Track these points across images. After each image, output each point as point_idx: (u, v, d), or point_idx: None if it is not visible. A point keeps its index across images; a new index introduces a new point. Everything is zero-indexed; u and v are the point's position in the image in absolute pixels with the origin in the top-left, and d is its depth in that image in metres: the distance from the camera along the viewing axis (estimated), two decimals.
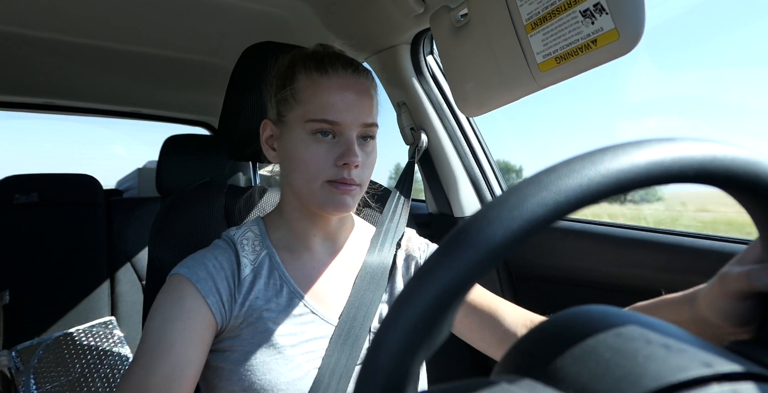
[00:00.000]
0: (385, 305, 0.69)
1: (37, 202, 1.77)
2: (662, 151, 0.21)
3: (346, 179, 0.61)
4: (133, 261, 1.83)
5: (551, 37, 0.54)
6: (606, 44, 0.49)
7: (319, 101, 0.61)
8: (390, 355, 0.20)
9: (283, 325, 0.61)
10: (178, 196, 0.83)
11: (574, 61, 0.52)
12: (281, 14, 1.05)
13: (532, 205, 0.20)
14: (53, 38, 1.15)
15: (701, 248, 0.77)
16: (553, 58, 0.54)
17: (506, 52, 0.59)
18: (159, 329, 0.55)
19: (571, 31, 0.52)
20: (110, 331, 1.64)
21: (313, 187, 0.62)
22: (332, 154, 0.62)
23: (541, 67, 0.56)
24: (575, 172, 0.21)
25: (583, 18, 0.50)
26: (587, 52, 0.51)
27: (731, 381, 0.20)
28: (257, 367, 0.59)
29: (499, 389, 0.21)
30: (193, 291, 0.59)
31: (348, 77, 0.63)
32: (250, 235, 0.68)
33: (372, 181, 0.95)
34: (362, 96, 0.63)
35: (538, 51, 0.56)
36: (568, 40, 0.52)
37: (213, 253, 0.64)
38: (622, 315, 0.24)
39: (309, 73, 0.63)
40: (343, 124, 0.61)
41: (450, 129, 1.18)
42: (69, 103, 1.90)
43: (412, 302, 0.20)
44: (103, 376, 1.52)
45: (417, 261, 0.75)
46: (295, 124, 0.63)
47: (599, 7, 0.48)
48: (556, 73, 0.55)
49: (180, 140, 1.02)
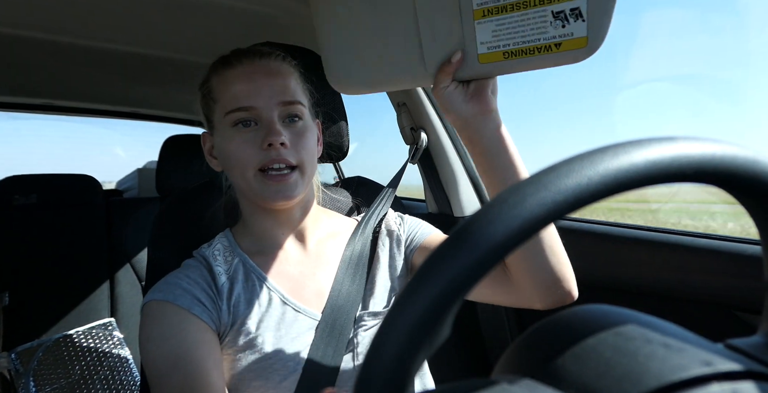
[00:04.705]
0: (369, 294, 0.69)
1: (37, 203, 1.76)
2: (661, 151, 0.21)
3: (276, 159, 0.60)
4: (132, 262, 1.83)
5: (505, 31, 0.50)
6: (570, 49, 0.47)
7: (230, 92, 0.62)
8: (390, 356, 0.20)
9: (266, 326, 0.61)
10: (178, 196, 0.83)
11: (526, 59, 0.50)
12: (278, 14, 1.05)
13: (532, 205, 0.20)
14: (53, 40, 1.15)
15: (699, 247, 0.77)
16: (501, 52, 0.51)
17: (437, 32, 0.53)
18: (157, 353, 0.54)
19: (533, 29, 0.49)
20: (110, 332, 1.64)
21: (247, 177, 0.62)
22: (257, 140, 0.61)
23: (482, 58, 0.52)
24: (575, 171, 0.21)
25: (553, 19, 0.48)
26: (545, 54, 0.49)
27: (732, 380, 0.20)
28: (245, 374, 0.59)
29: (499, 389, 0.21)
30: (174, 309, 0.57)
31: (252, 63, 0.64)
32: (220, 247, 0.68)
33: (375, 183, 0.95)
34: (272, 76, 0.64)
35: (483, 41, 0.51)
36: (526, 38, 0.49)
37: (184, 273, 0.63)
38: (622, 314, 0.24)
39: (217, 71, 0.65)
40: (258, 108, 0.62)
41: (450, 128, 1.18)
42: (68, 103, 1.90)
43: (412, 304, 0.20)
44: (102, 378, 1.52)
45: (397, 234, 0.74)
46: (219, 123, 0.64)
47: (577, 13, 0.46)
48: (496, 67, 0.52)
49: (180, 141, 1.02)
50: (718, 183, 0.23)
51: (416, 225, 0.76)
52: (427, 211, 1.31)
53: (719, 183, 0.23)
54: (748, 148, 0.23)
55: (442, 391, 0.22)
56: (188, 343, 0.54)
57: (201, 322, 0.57)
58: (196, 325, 0.57)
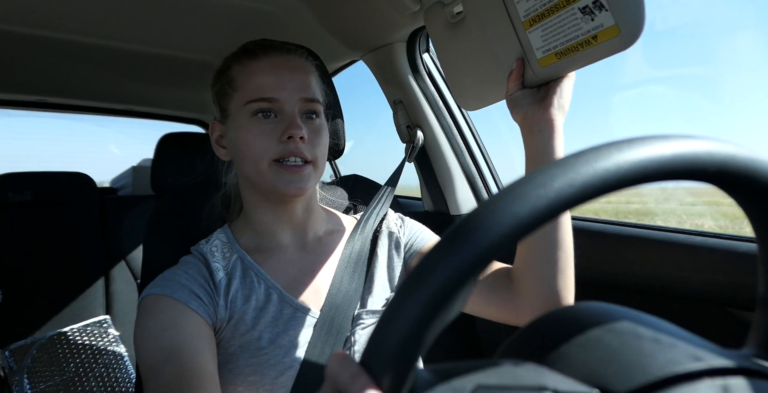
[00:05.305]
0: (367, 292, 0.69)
1: (31, 200, 1.75)
2: (656, 149, 0.21)
3: (294, 152, 0.61)
4: (127, 259, 1.82)
5: (550, 34, 0.54)
6: (607, 40, 0.50)
7: (254, 82, 0.63)
8: (389, 357, 0.20)
9: (263, 322, 0.61)
10: (173, 194, 0.82)
11: (575, 56, 0.53)
12: (276, 12, 1.05)
13: (528, 204, 0.20)
14: (47, 36, 1.14)
15: (696, 245, 0.78)
16: (554, 53, 0.55)
17: (504, 48, 0.60)
18: (153, 346, 0.54)
19: (570, 28, 0.52)
20: (105, 330, 1.63)
21: (261, 168, 0.62)
22: (276, 131, 0.62)
23: (542, 62, 0.57)
24: (569, 170, 0.21)
25: (582, 15, 0.51)
26: (588, 48, 0.52)
27: (723, 376, 0.20)
28: (241, 369, 0.59)
29: (504, 369, 0.21)
30: (171, 302, 0.57)
31: (279, 57, 0.65)
32: (218, 243, 0.67)
33: (371, 181, 0.95)
34: (297, 72, 0.64)
35: (537, 47, 0.56)
36: (568, 37, 0.53)
37: (182, 269, 0.63)
38: (623, 312, 0.24)
39: (240, 61, 0.65)
40: (281, 101, 0.62)
41: (446, 126, 1.18)
42: (63, 100, 1.89)
43: (407, 304, 0.20)
44: (97, 376, 1.52)
45: (397, 237, 0.74)
46: (237, 112, 0.64)
47: (598, 4, 0.49)
48: (556, 68, 0.56)
49: (175, 138, 1.01)
50: (712, 181, 0.23)
51: (417, 230, 0.76)
52: (423, 209, 1.31)
53: (714, 181, 0.23)
54: (743, 146, 0.23)
55: (448, 368, 0.22)
56: (184, 335, 0.54)
57: (197, 316, 0.57)
58: (193, 319, 0.57)
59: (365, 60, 1.22)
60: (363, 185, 0.95)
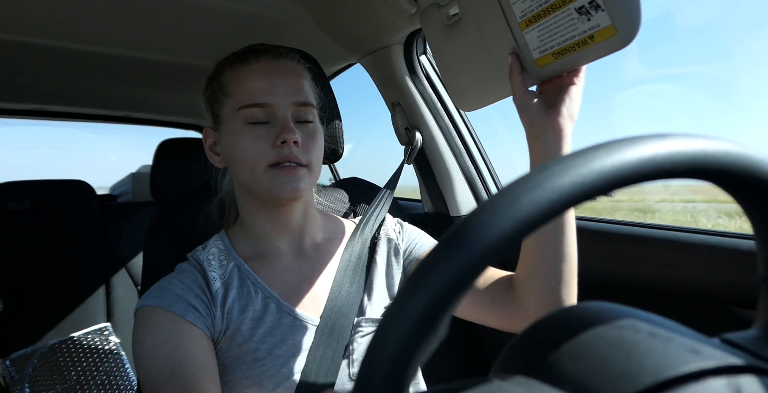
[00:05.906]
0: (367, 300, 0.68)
1: (31, 208, 1.75)
2: (654, 148, 0.21)
3: (288, 156, 0.60)
4: (128, 266, 1.82)
5: (547, 34, 0.55)
6: (604, 40, 0.50)
7: (246, 87, 0.62)
8: (389, 358, 0.20)
9: (261, 333, 0.60)
10: (173, 200, 0.82)
11: (572, 56, 0.53)
12: (274, 16, 1.05)
13: (526, 204, 0.20)
14: (43, 44, 1.14)
15: (697, 243, 0.78)
16: (551, 53, 0.55)
17: (501, 48, 0.60)
18: (152, 361, 0.53)
19: (566, 28, 0.52)
20: (106, 337, 1.63)
21: (256, 173, 0.61)
22: (270, 136, 0.61)
23: (538, 62, 0.57)
24: (568, 170, 0.21)
25: (578, 15, 0.51)
26: (585, 48, 0.52)
27: (729, 374, 0.20)
28: (237, 381, 0.58)
29: (492, 386, 0.21)
30: (167, 315, 0.57)
31: (270, 61, 0.65)
32: (215, 250, 0.67)
33: (371, 183, 0.95)
34: (288, 76, 0.64)
35: (534, 47, 0.56)
36: (564, 37, 0.53)
37: (178, 278, 0.62)
38: (619, 311, 0.24)
39: (232, 65, 0.65)
40: (273, 105, 0.62)
41: (445, 128, 1.18)
42: (60, 108, 1.89)
43: (408, 306, 0.20)
44: (99, 383, 1.51)
45: (396, 243, 0.73)
46: (229, 118, 0.64)
47: (595, 4, 0.49)
48: (553, 68, 0.56)
49: (174, 144, 1.01)
50: (711, 179, 0.23)
51: (416, 236, 0.75)
52: (423, 211, 1.31)
53: (712, 179, 0.23)
54: (742, 144, 0.23)
55: (436, 391, 0.22)
56: (183, 351, 0.54)
57: (195, 329, 0.57)
58: (191, 333, 0.56)
59: (363, 63, 1.22)
60: (363, 188, 0.95)
